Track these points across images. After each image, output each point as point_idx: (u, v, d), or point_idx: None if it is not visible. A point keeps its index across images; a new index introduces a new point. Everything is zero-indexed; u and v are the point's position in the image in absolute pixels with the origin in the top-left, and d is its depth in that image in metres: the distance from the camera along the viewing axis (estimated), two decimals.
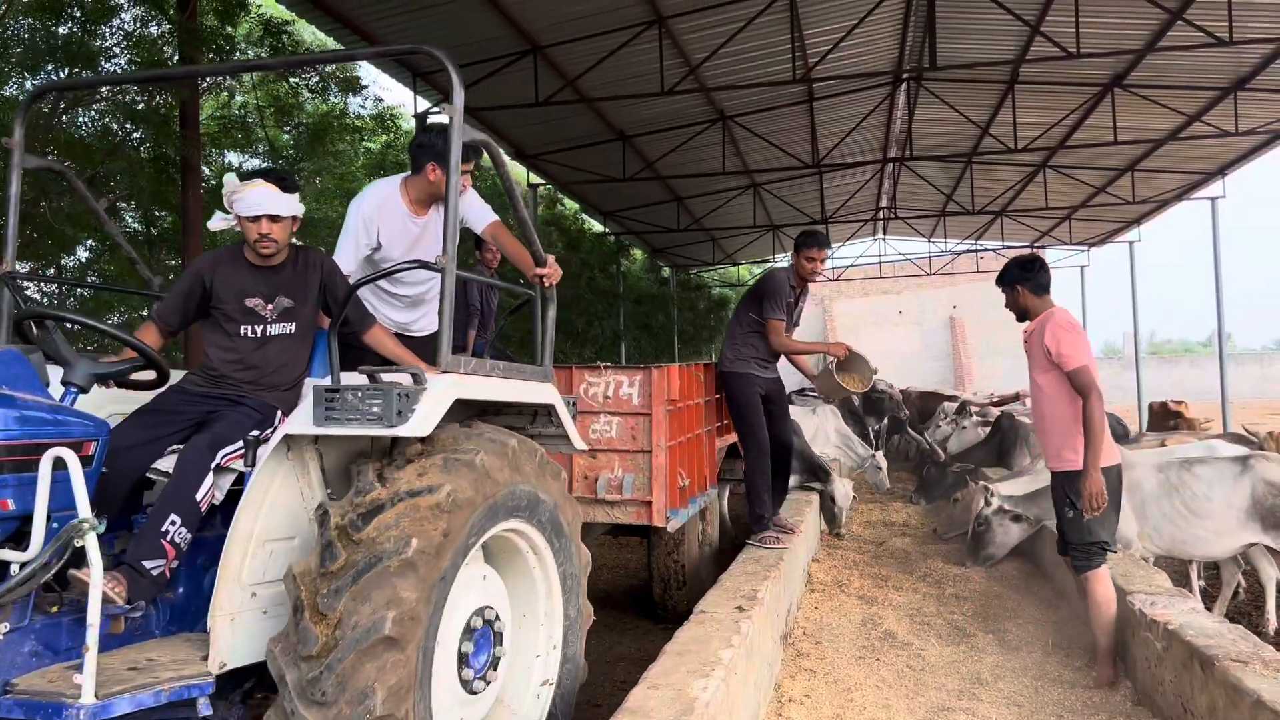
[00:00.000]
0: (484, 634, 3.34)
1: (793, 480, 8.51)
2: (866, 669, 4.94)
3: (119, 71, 8.85)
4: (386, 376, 3.05)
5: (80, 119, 9.07)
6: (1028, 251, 5.55)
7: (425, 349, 3.40)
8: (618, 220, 21.41)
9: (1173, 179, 19.24)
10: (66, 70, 8.30)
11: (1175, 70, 13.65)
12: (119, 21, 8.76)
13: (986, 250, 28.81)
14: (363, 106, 14.17)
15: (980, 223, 25.07)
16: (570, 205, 20.70)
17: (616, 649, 6.17)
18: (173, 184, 9.17)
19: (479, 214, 4.45)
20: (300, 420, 3.09)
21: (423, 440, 3.14)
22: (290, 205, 3.50)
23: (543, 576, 3.74)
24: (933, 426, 15.40)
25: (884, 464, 10.44)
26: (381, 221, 4.22)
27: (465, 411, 3.56)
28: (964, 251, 29.31)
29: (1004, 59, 13.50)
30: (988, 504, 6.95)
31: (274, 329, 3.55)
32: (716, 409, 6.96)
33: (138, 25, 8.92)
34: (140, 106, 8.83)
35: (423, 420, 2.97)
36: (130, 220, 10.52)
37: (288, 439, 3.17)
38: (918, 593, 6.55)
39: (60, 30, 8.24)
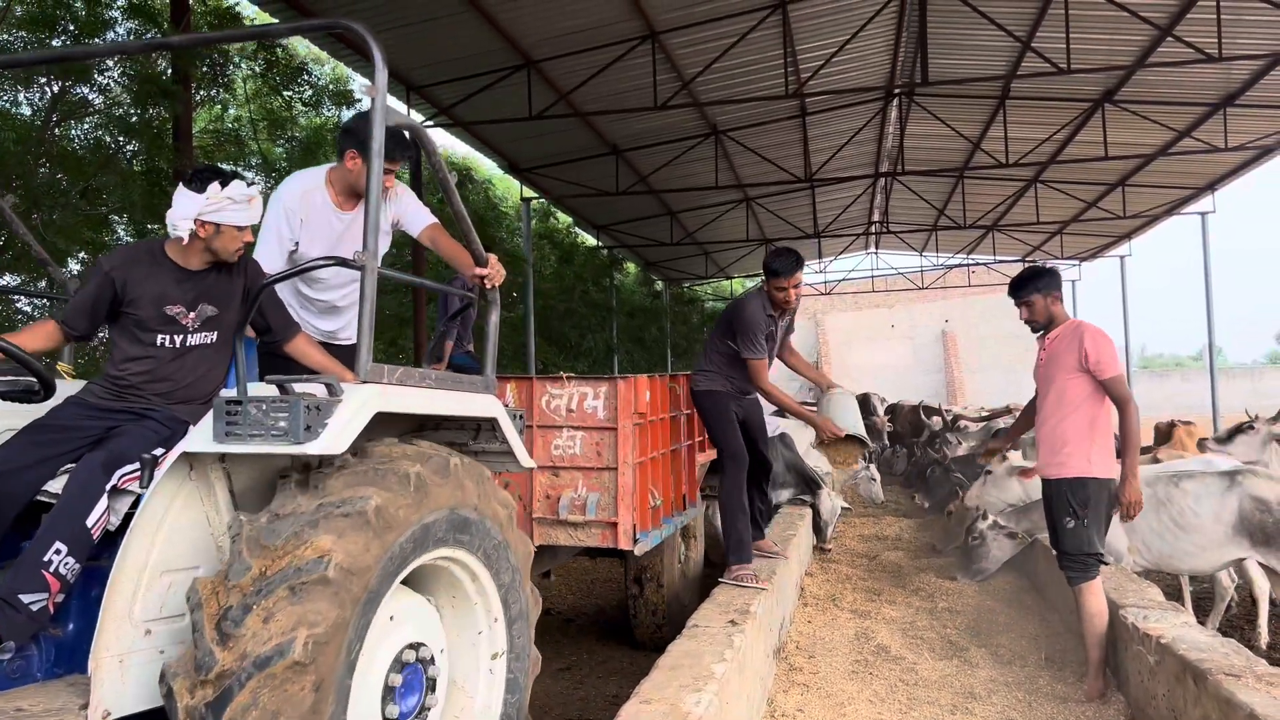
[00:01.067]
0: (411, 672, 3.02)
1: (786, 494, 8.53)
2: (860, 683, 4.93)
3: (111, 84, 8.86)
4: (299, 387, 2.75)
5: (73, 131, 9.07)
6: (1041, 264, 5.55)
7: (354, 358, 3.10)
8: (611, 234, 21.46)
9: (1163, 194, 19.38)
10: (60, 83, 8.30)
11: (1165, 86, 13.77)
12: (113, 35, 8.75)
13: (978, 264, 28.95)
14: None
15: (972, 237, 25.19)
16: (563, 219, 20.74)
17: (609, 663, 6.15)
18: (165, 197, 9.14)
19: (416, 215, 4.08)
20: (199, 437, 2.76)
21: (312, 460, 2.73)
22: None
23: (462, 569, 3.32)
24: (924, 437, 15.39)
25: (877, 477, 10.44)
26: (304, 214, 3.87)
27: (401, 426, 3.32)
28: (956, 265, 29.45)
29: (995, 74, 13.59)
30: (983, 518, 6.96)
31: (194, 339, 3.22)
32: (698, 422, 6.57)
33: (131, 38, 8.92)
34: (134, 120, 8.82)
35: (336, 436, 2.65)
36: (123, 233, 10.50)
37: (190, 458, 2.83)
38: (911, 607, 6.54)
39: (54, 43, 8.24)
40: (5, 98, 8.34)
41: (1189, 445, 9.98)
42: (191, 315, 3.21)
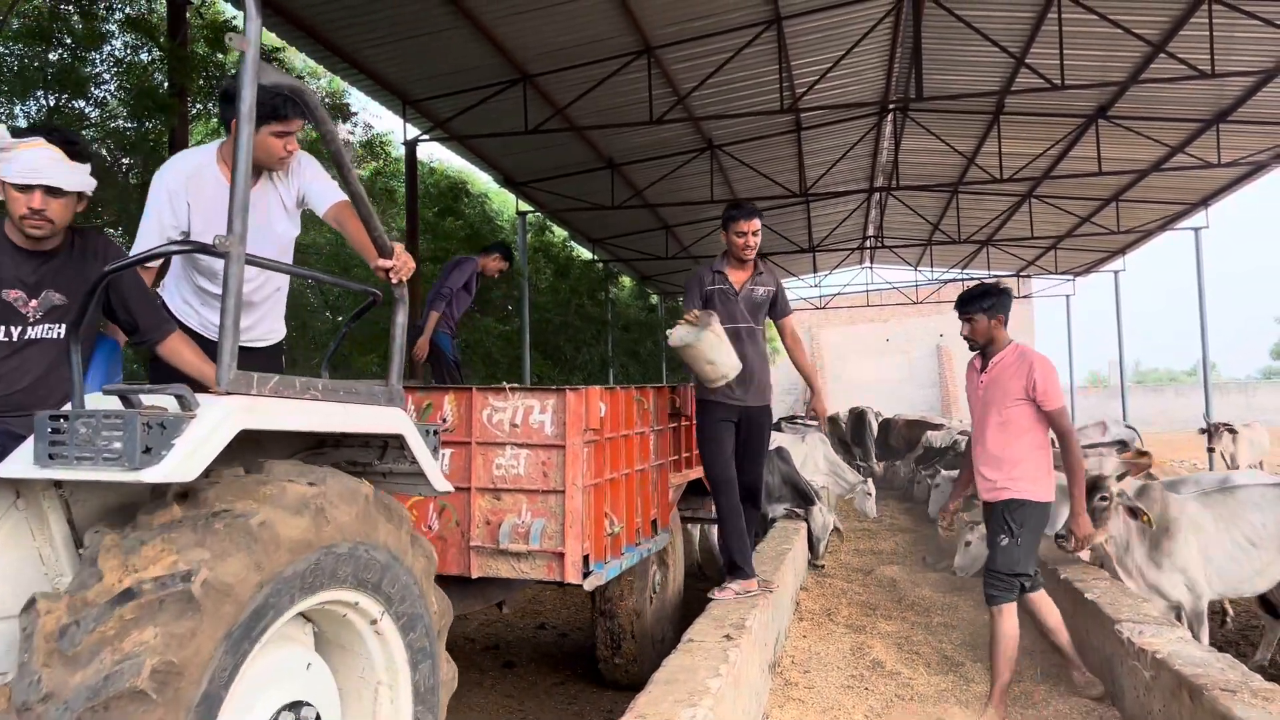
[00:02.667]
0: None
1: (780, 508, 8.52)
2: (855, 698, 4.92)
3: (108, 98, 8.89)
4: (147, 398, 2.28)
5: None
6: (991, 280, 5.48)
7: (268, 365, 2.57)
8: (606, 248, 21.50)
9: (1157, 209, 19.46)
10: (56, 96, 8.31)
11: (1158, 102, 13.85)
12: (109, 48, 8.77)
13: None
14: (351, 133, 14.21)
15: (966, 252, 25.27)
16: (559, 233, 20.77)
17: (604, 678, 6.12)
18: None
19: (322, 191, 3.58)
20: (18, 461, 2.27)
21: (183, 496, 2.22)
22: (78, 178, 2.73)
23: (310, 630, 2.79)
24: (920, 450, 15.39)
25: (873, 491, 10.43)
26: (191, 196, 3.39)
27: (297, 445, 2.90)
28: (950, 280, 29.51)
29: (989, 90, 13.66)
30: (971, 530, 7.27)
31: (36, 331, 2.75)
32: (673, 438, 6.03)
33: (128, 52, 8.95)
34: (130, 133, 8.84)
35: (183, 461, 2.12)
36: (120, 245, 10.52)
37: (16, 483, 2.36)
38: (906, 621, 6.53)
39: (50, 57, 8.26)
40: (2, 110, 8.35)
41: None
42: (33, 303, 2.74)
